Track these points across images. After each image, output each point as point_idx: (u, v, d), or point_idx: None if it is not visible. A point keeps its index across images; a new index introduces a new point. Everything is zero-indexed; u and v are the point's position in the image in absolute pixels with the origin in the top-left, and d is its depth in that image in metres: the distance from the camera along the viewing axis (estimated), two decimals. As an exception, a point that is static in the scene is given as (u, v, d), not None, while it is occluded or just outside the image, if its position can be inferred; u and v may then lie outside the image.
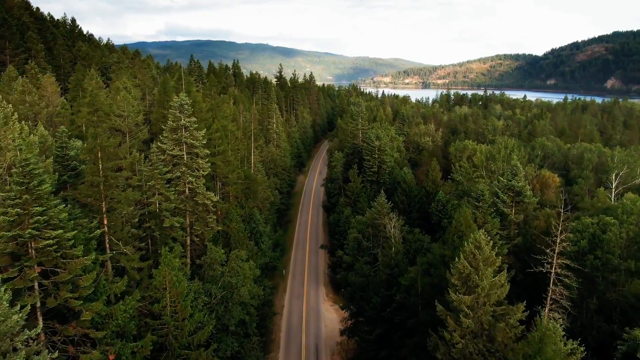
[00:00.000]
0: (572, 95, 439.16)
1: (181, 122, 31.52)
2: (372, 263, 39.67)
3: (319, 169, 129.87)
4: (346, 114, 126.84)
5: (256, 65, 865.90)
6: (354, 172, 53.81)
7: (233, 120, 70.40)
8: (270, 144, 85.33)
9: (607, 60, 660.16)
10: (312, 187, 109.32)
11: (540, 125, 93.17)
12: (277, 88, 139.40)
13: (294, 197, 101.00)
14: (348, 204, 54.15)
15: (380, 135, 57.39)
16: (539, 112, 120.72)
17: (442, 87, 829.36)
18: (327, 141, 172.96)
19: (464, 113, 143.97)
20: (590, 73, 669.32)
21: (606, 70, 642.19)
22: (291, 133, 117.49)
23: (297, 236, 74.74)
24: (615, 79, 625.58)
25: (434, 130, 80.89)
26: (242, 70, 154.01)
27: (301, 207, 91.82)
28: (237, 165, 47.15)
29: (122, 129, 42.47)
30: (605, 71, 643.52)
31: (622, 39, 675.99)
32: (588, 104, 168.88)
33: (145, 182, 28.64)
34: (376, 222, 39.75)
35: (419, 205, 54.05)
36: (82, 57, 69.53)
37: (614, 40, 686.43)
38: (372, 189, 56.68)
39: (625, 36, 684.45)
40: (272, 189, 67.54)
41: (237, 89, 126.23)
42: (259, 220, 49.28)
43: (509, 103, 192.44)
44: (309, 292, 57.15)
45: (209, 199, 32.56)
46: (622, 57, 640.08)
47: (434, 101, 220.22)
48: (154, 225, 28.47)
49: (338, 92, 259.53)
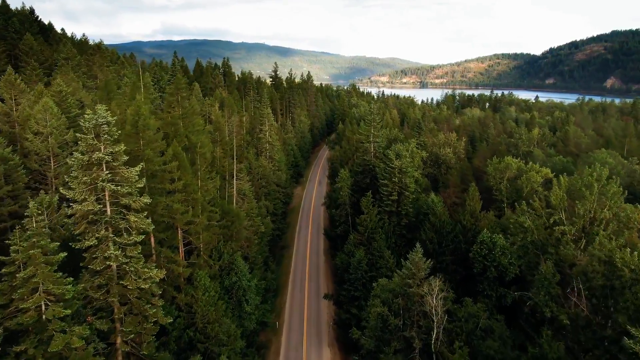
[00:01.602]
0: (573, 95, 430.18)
1: (98, 155, 18.52)
2: (405, 351, 26.76)
3: (318, 178, 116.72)
4: (350, 121, 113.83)
5: (253, 64, 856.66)
6: (367, 201, 40.86)
7: (217, 130, 57.25)
8: (262, 156, 72.09)
9: (606, 60, 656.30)
10: (311, 201, 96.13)
11: (572, 132, 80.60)
12: (271, 89, 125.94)
13: (291, 213, 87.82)
14: (360, 243, 41.28)
15: (400, 151, 44.37)
16: (564, 116, 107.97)
17: (439, 86, 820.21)
18: (326, 145, 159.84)
19: (476, 116, 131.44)
20: (590, 72, 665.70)
21: (605, 70, 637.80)
22: (287, 140, 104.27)
23: (294, 271, 61.43)
24: (615, 79, 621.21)
25: (455, 140, 68.12)
26: (233, 70, 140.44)
27: (298, 229, 78.56)
28: (211, 201, 34.00)
29: (40, 152, 29.06)
30: (605, 70, 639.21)
31: (621, 38, 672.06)
32: (606, 106, 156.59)
33: (18, 268, 15.51)
34: (409, 291, 26.96)
35: (454, 246, 41.12)
36: (24, 52, 56.08)
37: (613, 39, 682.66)
38: (392, 223, 43.66)
39: (624, 35, 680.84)
40: (263, 215, 54.39)
41: (226, 90, 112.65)
42: (243, 271, 36.19)
43: (521, 104, 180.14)
44: (310, 355, 44.05)
45: (150, 278, 19.55)
46: (621, 56, 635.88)
47: (438, 102, 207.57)
48: (34, 348, 15.44)
49: (337, 93, 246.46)
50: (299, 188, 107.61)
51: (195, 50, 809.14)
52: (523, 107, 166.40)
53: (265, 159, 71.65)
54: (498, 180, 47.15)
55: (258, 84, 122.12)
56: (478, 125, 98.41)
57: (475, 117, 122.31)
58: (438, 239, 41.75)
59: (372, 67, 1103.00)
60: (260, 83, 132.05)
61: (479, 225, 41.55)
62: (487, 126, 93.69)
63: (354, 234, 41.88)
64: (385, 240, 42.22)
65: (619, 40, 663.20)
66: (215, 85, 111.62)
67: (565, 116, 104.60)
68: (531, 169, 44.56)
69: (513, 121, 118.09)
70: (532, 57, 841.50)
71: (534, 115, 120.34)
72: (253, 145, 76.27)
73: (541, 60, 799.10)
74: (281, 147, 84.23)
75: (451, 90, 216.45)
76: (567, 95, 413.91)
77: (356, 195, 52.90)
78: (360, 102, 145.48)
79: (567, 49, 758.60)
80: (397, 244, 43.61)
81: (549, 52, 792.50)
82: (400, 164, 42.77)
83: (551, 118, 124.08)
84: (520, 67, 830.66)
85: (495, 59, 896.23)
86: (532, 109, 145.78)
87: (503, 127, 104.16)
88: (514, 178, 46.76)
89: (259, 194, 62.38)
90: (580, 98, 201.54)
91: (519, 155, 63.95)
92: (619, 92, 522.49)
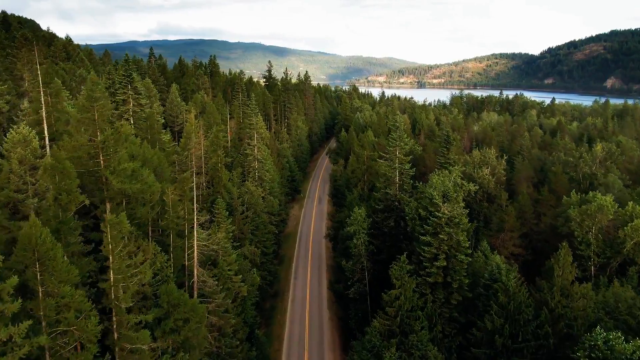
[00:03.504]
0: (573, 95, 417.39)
1: None
2: None
3: (318, 193, 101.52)
4: (355, 129, 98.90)
5: (249, 64, 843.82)
6: (400, 269, 25.86)
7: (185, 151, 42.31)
8: (249, 178, 57.03)
9: (605, 59, 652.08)
10: (310, 225, 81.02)
11: (625, 143, 66.30)
12: (264, 91, 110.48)
13: (286, 242, 72.92)
14: (389, 332, 26.18)
15: (447, 187, 28.95)
16: (601, 122, 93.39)
17: (437, 86, 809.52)
18: (326, 154, 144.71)
19: (493, 121, 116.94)
20: (589, 72, 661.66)
21: (605, 70, 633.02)
22: (282, 151, 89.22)
23: (289, 337, 46.27)
24: (615, 78, 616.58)
25: (494, 158, 53.42)
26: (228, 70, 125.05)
27: (295, 268, 63.47)
28: (141, 294, 18.97)
29: None
30: (605, 70, 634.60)
31: (620, 37, 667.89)
32: (631, 108, 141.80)
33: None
34: None
35: (538, 343, 26.34)
36: None
37: (612, 39, 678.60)
38: (437, 300, 28.39)
39: (623, 35, 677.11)
40: (246, 270, 39.36)
41: (210, 93, 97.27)
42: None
43: (536, 106, 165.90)
44: None
45: None
46: (621, 56, 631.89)
47: (444, 104, 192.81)
48: None
49: (335, 93, 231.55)
50: (295, 207, 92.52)
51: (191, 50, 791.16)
52: (539, 110, 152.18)
53: (253, 182, 56.59)
54: (584, 228, 32.66)
55: (249, 86, 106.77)
56: (506, 134, 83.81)
57: (493, 123, 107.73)
58: (511, 330, 26.95)
59: (368, 67, 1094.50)
60: (252, 84, 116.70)
61: (574, 309, 26.76)
62: (519, 136, 78.97)
63: (380, 319, 27.00)
64: (428, 330, 27.31)
65: (618, 40, 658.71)
66: (198, 87, 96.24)
67: (604, 122, 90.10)
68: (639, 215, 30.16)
69: (538, 127, 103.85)
70: (531, 57, 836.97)
71: (560, 121, 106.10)
72: (239, 163, 61.20)
73: (539, 60, 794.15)
74: (274, 163, 69.13)
75: (458, 91, 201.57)
76: (567, 96, 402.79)
77: (375, 242, 38.19)
78: (364, 105, 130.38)
79: (566, 49, 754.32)
80: (445, 333, 28.78)
81: (548, 52, 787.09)
82: (450, 212, 27.75)
83: (579, 124, 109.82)
84: (518, 67, 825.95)
85: (493, 59, 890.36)
86: (555, 112, 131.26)
87: (530, 136, 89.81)
88: (608, 226, 32.39)
89: (243, 233, 47.32)
90: (597, 100, 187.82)
91: (579, 180, 49.37)
92: (619, 92, 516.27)
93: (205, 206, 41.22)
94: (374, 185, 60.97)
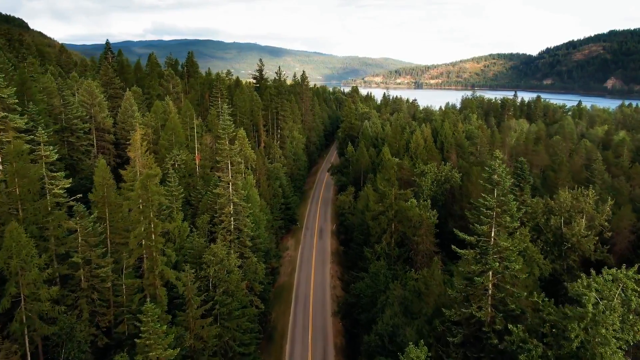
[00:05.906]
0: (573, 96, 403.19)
1: None
2: None
3: (319, 223, 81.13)
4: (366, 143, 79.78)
5: (244, 64, 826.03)
6: None
7: (143, 188, 23.29)
8: (219, 234, 37.58)
9: (605, 60, 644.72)
10: (309, 273, 61.09)
11: None
12: (252, 94, 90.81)
13: (276, 302, 53.63)
14: None
15: None
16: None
17: (435, 87, 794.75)
18: (324, 164, 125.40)
19: (525, 131, 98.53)
20: (589, 72, 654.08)
21: (605, 70, 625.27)
22: (273, 172, 69.81)
23: None
24: (615, 79, 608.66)
25: (592, 199, 34.55)
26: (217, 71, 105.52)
27: (289, 353, 43.96)
28: None
29: None
30: (605, 70, 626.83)
31: (619, 37, 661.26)
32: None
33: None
34: None
35: None
36: None
37: (611, 39, 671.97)
38: None
39: (622, 35, 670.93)
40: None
41: (182, 98, 77.45)
42: None
43: (557, 111, 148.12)
44: None
45: None
46: (621, 56, 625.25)
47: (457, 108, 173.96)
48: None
49: (334, 95, 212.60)
50: (291, 242, 72.95)
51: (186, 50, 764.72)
52: (585, 115, 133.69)
53: (226, 237, 37.12)
54: None
55: (233, 89, 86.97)
56: (545, 149, 64.87)
57: (532, 134, 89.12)
58: None
59: (365, 68, 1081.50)
60: (239, 87, 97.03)
61: None
62: (574, 154, 60.24)
63: None
64: None
65: (617, 40, 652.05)
66: (168, 90, 76.46)
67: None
68: None
69: (585, 139, 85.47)
70: (529, 57, 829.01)
71: (610, 131, 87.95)
72: (207, 206, 41.68)
73: (538, 60, 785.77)
74: (259, 199, 49.67)
75: (474, 93, 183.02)
76: (567, 96, 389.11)
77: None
78: (371, 111, 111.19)
79: (565, 49, 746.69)
80: None
81: (546, 52, 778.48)
82: None
83: (629, 133, 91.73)
84: (516, 68, 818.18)
85: (491, 59, 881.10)
86: (595, 119, 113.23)
87: (586, 152, 71.29)
88: None
89: (205, 341, 27.93)
90: (623, 103, 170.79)
91: None
92: (620, 92, 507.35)
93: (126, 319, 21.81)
94: (404, 236, 41.76)
